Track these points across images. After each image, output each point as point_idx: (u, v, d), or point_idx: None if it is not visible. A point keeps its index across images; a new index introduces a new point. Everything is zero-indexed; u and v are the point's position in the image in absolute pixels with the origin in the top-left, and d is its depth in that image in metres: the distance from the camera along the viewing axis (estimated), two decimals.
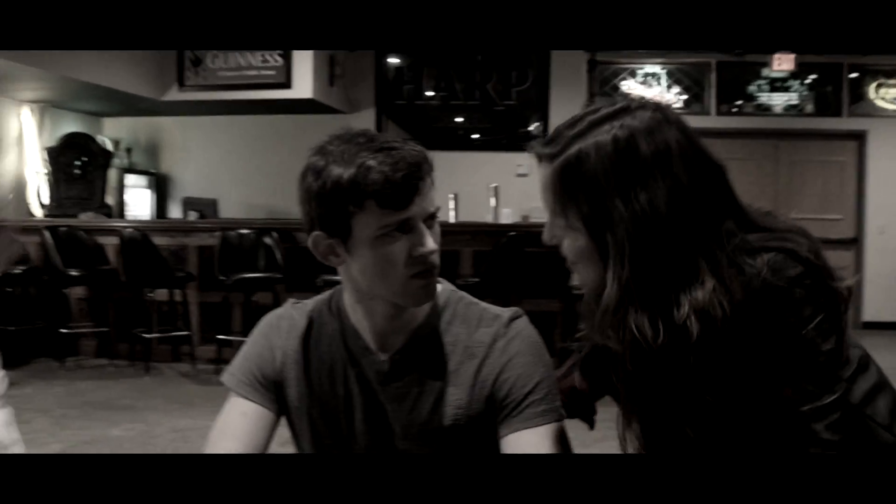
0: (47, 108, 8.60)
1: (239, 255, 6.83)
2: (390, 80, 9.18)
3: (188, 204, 8.55)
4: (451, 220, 7.68)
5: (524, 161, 8.82)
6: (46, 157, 8.32)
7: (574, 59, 9.02)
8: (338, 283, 1.56)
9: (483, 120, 9.09)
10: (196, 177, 9.49)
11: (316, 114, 8.96)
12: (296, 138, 9.21)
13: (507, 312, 1.53)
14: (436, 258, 1.41)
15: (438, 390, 1.47)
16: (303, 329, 1.55)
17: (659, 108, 1.31)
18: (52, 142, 8.46)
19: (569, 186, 1.29)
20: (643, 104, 1.31)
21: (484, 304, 1.56)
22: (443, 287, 1.53)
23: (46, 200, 8.36)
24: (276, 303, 6.75)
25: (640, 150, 1.25)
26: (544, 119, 8.91)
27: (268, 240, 6.98)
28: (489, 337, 1.49)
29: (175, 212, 9.27)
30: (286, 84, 8.14)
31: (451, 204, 7.73)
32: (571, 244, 1.34)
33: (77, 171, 8.32)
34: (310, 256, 1.49)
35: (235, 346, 5.12)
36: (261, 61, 8.17)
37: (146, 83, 8.18)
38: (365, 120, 9.18)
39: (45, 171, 8.35)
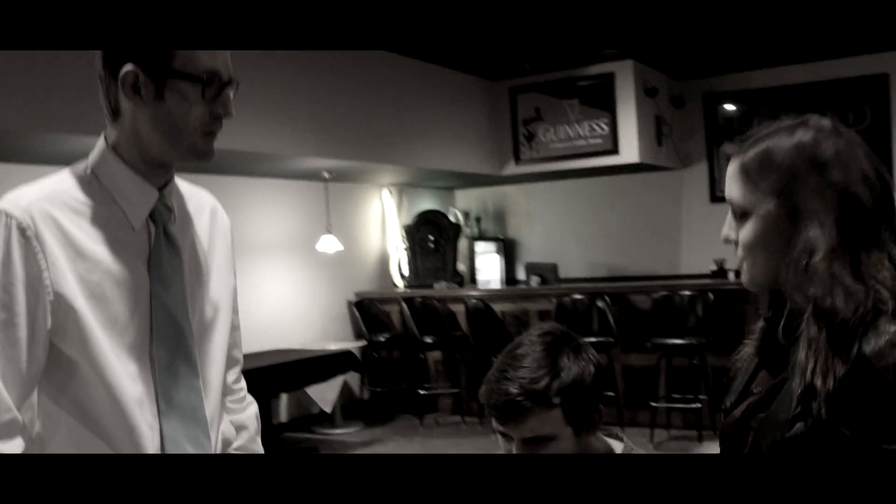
0: (404, 188, 9.59)
1: (574, 320, 7.22)
2: (721, 128, 9.16)
3: (530, 269, 9.06)
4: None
5: None
6: (404, 233, 9.29)
7: None
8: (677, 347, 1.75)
9: None
10: (538, 241, 9.99)
11: (647, 172, 9.17)
12: (629, 197, 9.54)
13: None
14: None
15: None
16: None
17: (833, 122, 1.43)
18: (409, 219, 9.40)
19: (761, 166, 1.39)
20: (820, 120, 1.43)
21: None
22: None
23: (406, 272, 9.31)
24: (611, 365, 7.06)
25: (823, 147, 1.38)
26: (888, 154, 8.43)
27: (601, 304, 7.32)
28: None
29: (521, 275, 9.81)
30: (614, 150, 8.40)
31: None
32: (754, 227, 1.38)
33: (431, 245, 9.19)
34: (643, 319, 1.67)
35: None
36: (588, 130, 8.51)
37: (487, 161, 8.83)
38: (697, 173, 9.24)
39: (405, 245, 9.31)
